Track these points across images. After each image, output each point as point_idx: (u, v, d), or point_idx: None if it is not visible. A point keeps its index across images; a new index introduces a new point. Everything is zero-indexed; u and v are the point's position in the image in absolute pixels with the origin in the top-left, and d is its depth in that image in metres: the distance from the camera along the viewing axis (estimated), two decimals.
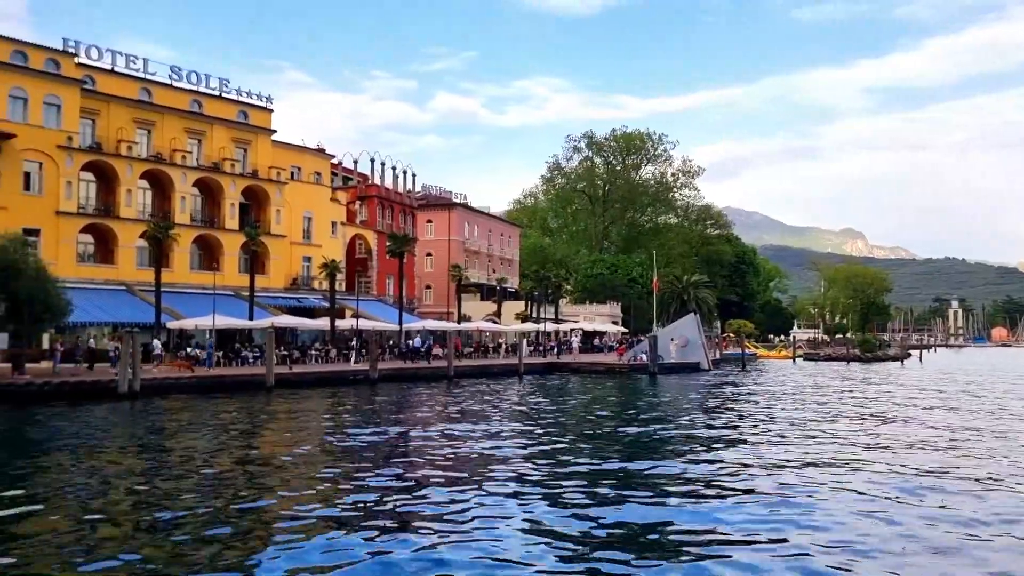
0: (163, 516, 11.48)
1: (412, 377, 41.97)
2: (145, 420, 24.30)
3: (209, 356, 38.59)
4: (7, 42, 42.61)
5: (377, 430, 21.41)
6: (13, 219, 39.54)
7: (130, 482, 14.37)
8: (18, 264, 29.87)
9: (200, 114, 51.77)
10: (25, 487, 13.87)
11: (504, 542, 10.04)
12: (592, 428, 22.60)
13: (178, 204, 49.00)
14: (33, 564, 9.13)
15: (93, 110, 46.06)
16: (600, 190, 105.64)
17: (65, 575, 8.81)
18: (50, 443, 19.44)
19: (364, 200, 66.98)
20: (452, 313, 65.55)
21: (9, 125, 41.13)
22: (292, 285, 55.48)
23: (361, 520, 11.20)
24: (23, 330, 32.53)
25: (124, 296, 44.31)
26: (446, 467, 15.59)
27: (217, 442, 19.39)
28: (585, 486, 13.69)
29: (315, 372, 39.84)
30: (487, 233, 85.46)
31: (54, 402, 27.78)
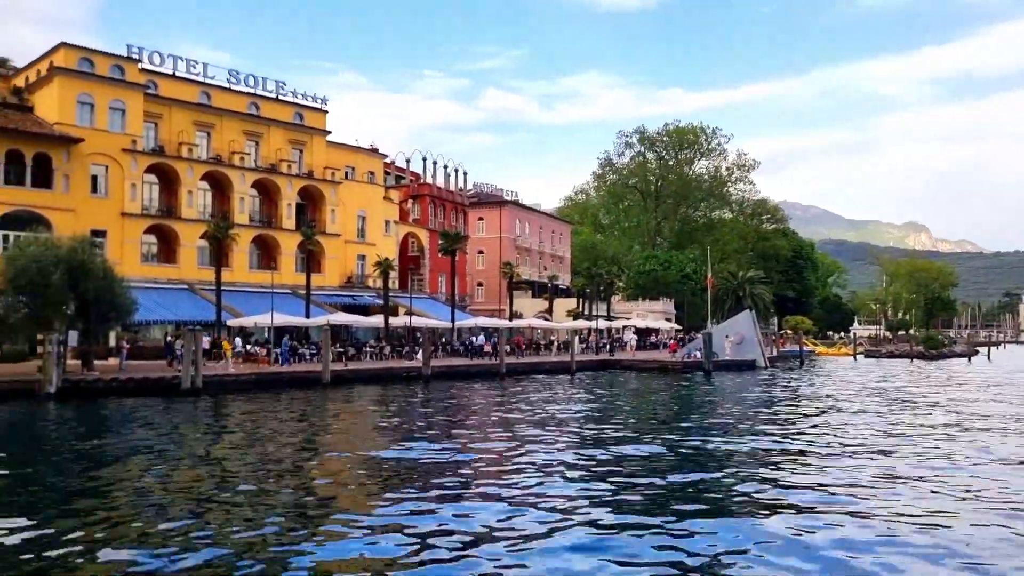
0: (220, 506, 11.74)
1: (464, 374, 42.17)
2: (207, 415, 24.94)
3: (283, 353, 39.41)
4: (75, 50, 44.21)
5: (429, 426, 21.55)
6: (81, 221, 41.06)
7: (191, 473, 14.75)
8: (86, 265, 30.92)
9: (257, 116, 52.93)
10: (93, 478, 14.36)
11: (552, 549, 9.98)
12: (645, 425, 22.35)
13: (237, 204, 50.23)
14: (102, 548, 9.43)
15: (156, 114, 47.49)
16: (652, 185, 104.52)
17: (129, 559, 9.07)
18: (117, 436, 20.11)
19: (416, 199, 67.60)
20: (504, 310, 65.70)
21: (77, 130, 42.70)
22: (347, 283, 56.33)
23: (413, 513, 11.27)
24: (92, 328, 33.69)
25: (186, 295, 45.60)
26: (494, 464, 15.59)
27: (275, 435, 19.78)
28: (636, 486, 13.53)
29: (369, 369, 40.36)
30: (538, 230, 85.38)
31: (121, 397, 28.75)
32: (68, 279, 29.96)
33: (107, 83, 44.56)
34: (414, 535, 10.26)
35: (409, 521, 11.01)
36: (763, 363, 54.07)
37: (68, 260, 30.20)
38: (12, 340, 34.82)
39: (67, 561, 9.12)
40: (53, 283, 29.46)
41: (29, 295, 29.98)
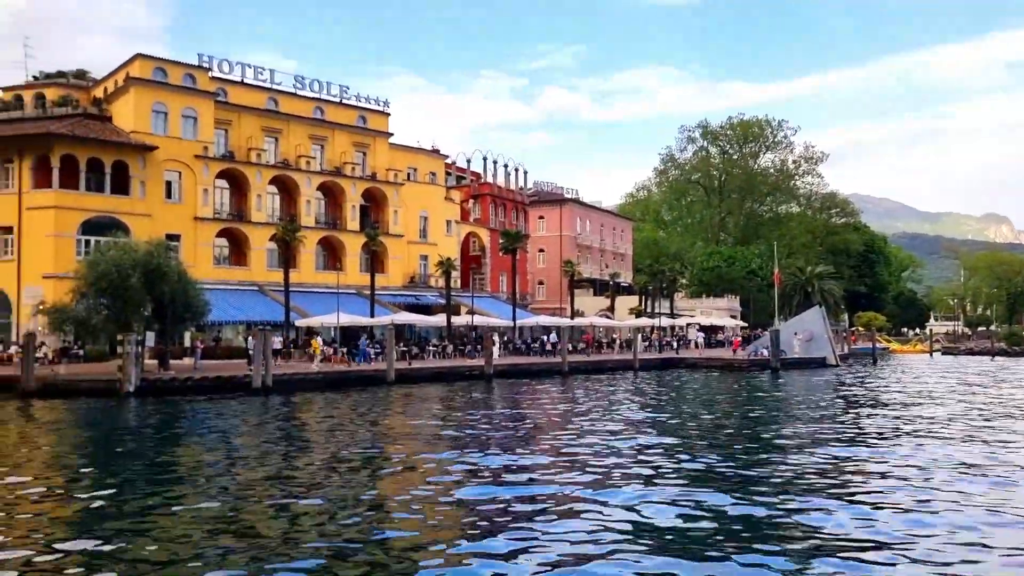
0: (289, 500, 12.04)
1: (526, 373, 42.26)
2: (276, 412, 25.62)
3: (362, 352, 40.27)
4: (149, 60, 45.98)
5: (494, 424, 21.67)
6: (156, 226, 42.69)
7: (263, 468, 15.16)
8: (162, 268, 32.15)
9: (322, 120, 54.09)
10: (170, 473, 14.92)
11: (615, 543, 9.91)
12: (709, 425, 21.99)
13: (303, 207, 51.46)
14: (175, 543, 9.79)
15: (226, 120, 49.02)
16: (716, 180, 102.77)
17: (204, 552, 9.39)
18: (190, 432, 20.87)
19: (477, 198, 68.03)
20: (565, 309, 65.56)
21: (152, 138, 44.42)
22: (410, 283, 57.10)
23: (481, 511, 11.35)
24: (167, 329, 35.08)
25: (256, 296, 46.95)
26: (556, 462, 15.56)
27: (345, 431, 20.18)
28: (700, 488, 13.32)
29: (433, 367, 40.82)
30: (599, 228, 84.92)
31: (195, 396, 29.80)
32: (145, 282, 31.22)
33: (180, 92, 46.22)
34: (485, 532, 10.33)
35: (478, 517, 11.09)
36: (834, 361, 52.56)
37: (145, 263, 31.46)
38: (94, 340, 36.45)
39: (139, 551, 9.50)
40: (131, 286, 30.73)
41: (109, 297, 31.35)
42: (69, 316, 31.71)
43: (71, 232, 40.82)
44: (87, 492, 13.17)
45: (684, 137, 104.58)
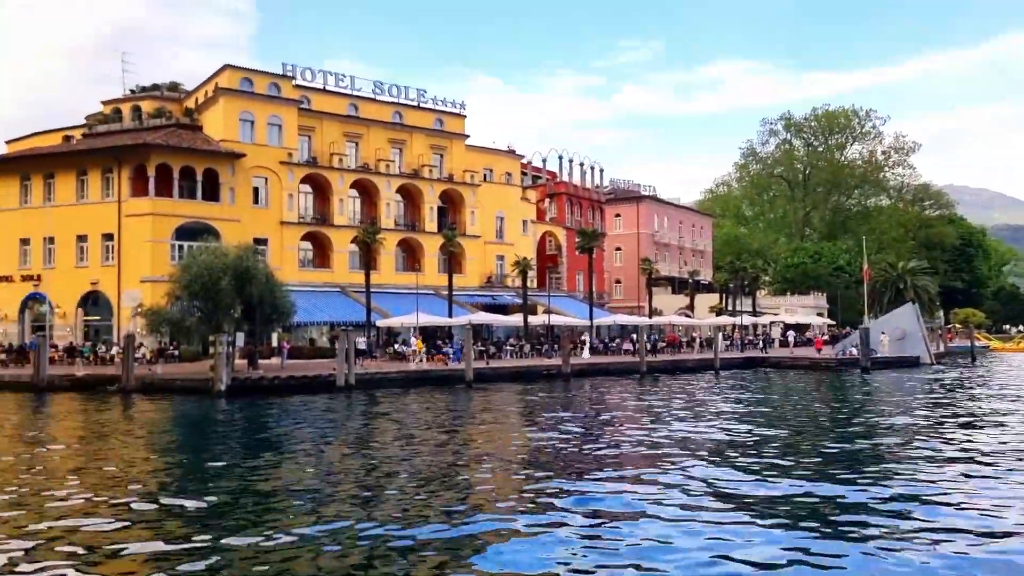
0: (375, 498, 12.30)
1: (604, 372, 41.96)
2: (360, 409, 26.25)
3: (456, 352, 40.95)
4: (237, 71, 47.83)
5: (572, 424, 21.61)
6: (245, 230, 44.37)
7: (349, 464, 15.57)
8: (251, 271, 33.42)
9: (401, 124, 55.12)
10: (259, 469, 15.48)
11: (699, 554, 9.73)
12: (795, 429, 21.33)
13: (383, 210, 52.57)
14: (265, 535, 10.15)
15: (309, 127, 50.54)
16: (800, 174, 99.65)
17: (293, 545, 9.71)
18: (279, 429, 21.60)
19: (553, 197, 67.99)
20: (643, 307, 64.83)
21: (240, 145, 46.19)
22: (487, 283, 57.55)
23: (560, 511, 11.33)
24: (256, 330, 36.44)
25: (339, 297, 48.23)
26: (635, 465, 15.37)
27: (427, 429, 20.51)
28: (789, 500, 12.93)
29: (510, 367, 41.01)
30: (677, 225, 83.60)
31: (282, 394, 30.84)
32: (235, 284, 32.53)
33: (265, 100, 47.92)
34: (567, 532, 10.32)
35: (560, 516, 11.09)
36: (928, 359, 50.17)
37: (235, 267, 32.78)
38: (188, 341, 38.18)
39: (232, 544, 9.89)
40: (222, 288, 32.07)
41: (202, 300, 32.79)
42: (165, 318, 33.31)
43: (166, 238, 42.87)
44: (181, 483, 13.81)
45: (766, 130, 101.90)
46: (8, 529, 10.70)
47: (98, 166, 44.35)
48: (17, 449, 18.35)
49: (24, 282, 45.03)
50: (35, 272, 44.76)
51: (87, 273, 43.72)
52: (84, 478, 14.45)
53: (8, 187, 46.46)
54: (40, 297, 43.87)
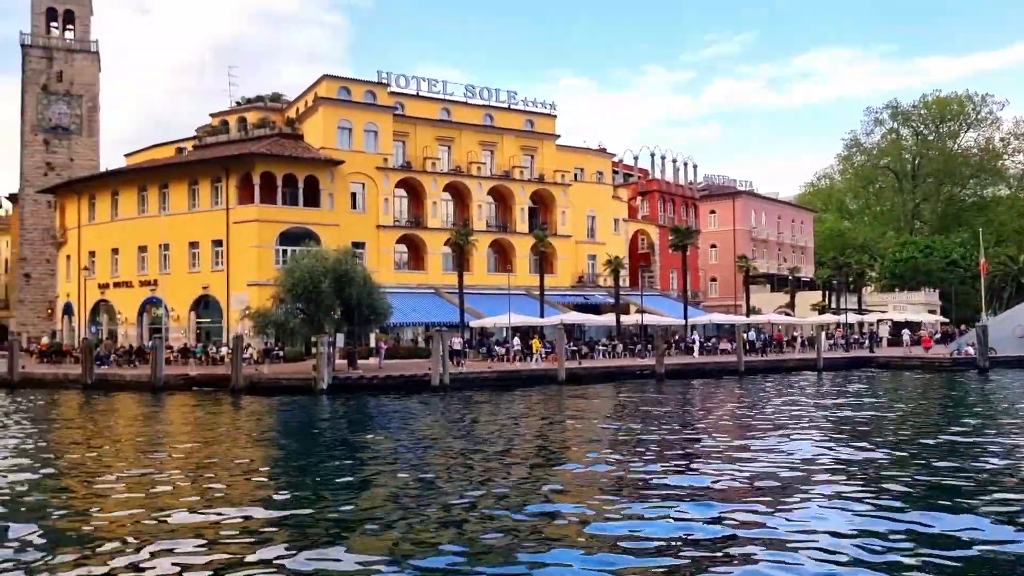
0: (465, 489, 12.48)
1: (700, 372, 41.10)
2: (455, 408, 26.67)
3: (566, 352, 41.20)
4: (335, 80, 49.49)
5: (667, 425, 21.28)
6: (344, 234, 45.82)
7: (444, 460, 15.85)
8: (350, 274, 34.53)
9: (492, 127, 55.67)
10: (359, 459, 15.98)
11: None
12: (906, 437, 20.27)
13: (475, 212, 53.24)
14: (360, 527, 10.48)
15: (403, 132, 51.75)
16: (908, 164, 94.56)
17: (392, 535, 9.97)
18: (378, 426, 22.22)
19: (645, 195, 67.12)
20: (740, 306, 63.12)
21: (338, 152, 47.76)
22: (578, 283, 57.37)
23: (653, 512, 11.19)
24: (355, 330, 37.59)
25: (433, 298, 49.15)
26: (732, 468, 14.97)
27: (522, 427, 20.65)
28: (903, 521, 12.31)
29: (602, 367, 40.74)
30: (776, 220, 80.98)
31: (380, 393, 31.70)
32: (335, 287, 33.70)
33: (362, 108, 49.38)
34: (655, 537, 10.20)
35: (649, 525, 10.96)
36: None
37: (335, 270, 33.95)
38: (292, 342, 39.76)
39: (326, 533, 10.24)
40: (323, 291, 33.28)
41: (304, 302, 34.12)
42: (270, 320, 34.81)
43: (270, 243, 44.79)
44: (288, 478, 14.41)
45: (871, 120, 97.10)
46: (130, 519, 11.44)
47: (208, 176, 46.80)
48: (140, 443, 19.59)
49: (142, 287, 48.04)
50: (152, 277, 47.67)
51: (199, 278, 46.20)
52: (200, 471, 15.29)
53: (127, 198, 49.66)
54: (157, 301, 46.69)
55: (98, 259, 50.49)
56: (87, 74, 65.57)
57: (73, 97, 64.69)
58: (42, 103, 63.67)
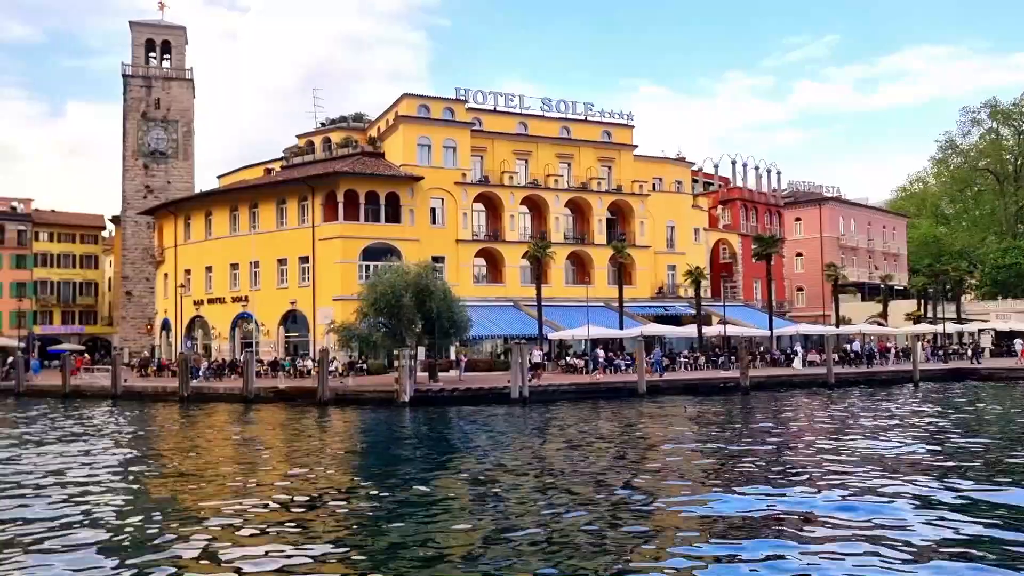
0: (547, 500, 12.43)
1: (787, 384, 39.82)
2: (535, 420, 26.65)
3: (657, 363, 40.91)
4: (414, 99, 50.56)
5: (754, 438, 20.69)
6: (424, 249, 46.61)
7: (524, 471, 15.85)
8: (430, 288, 35.08)
9: (569, 139, 55.71)
10: (441, 469, 16.15)
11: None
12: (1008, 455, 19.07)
13: (552, 224, 53.29)
14: (436, 536, 10.56)
15: (481, 147, 52.36)
16: (1010, 165, 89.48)
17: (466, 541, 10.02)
18: (459, 437, 22.41)
19: (726, 204, 65.79)
20: (828, 316, 60.95)
21: (418, 169, 48.69)
22: (658, 294, 56.59)
23: (747, 525, 10.89)
24: (436, 343, 38.11)
25: (511, 311, 49.36)
26: (825, 485, 14.40)
27: (601, 440, 20.46)
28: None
29: (684, 379, 39.97)
30: (866, 227, 77.97)
31: (460, 405, 31.98)
32: (416, 301, 34.28)
33: (441, 125, 50.27)
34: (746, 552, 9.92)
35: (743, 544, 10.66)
36: None
37: (415, 284, 34.56)
38: (375, 355, 40.62)
39: (413, 538, 10.37)
40: (405, 305, 33.90)
41: (386, 316, 34.81)
42: (354, 334, 35.68)
43: (354, 259, 45.96)
44: (374, 485, 14.69)
45: (967, 120, 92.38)
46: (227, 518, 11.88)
47: (295, 195, 48.46)
48: (233, 451, 20.35)
49: (234, 303, 50.04)
50: (243, 293, 49.60)
51: (287, 293, 47.80)
52: (288, 480, 15.75)
53: (220, 217, 51.92)
54: (248, 316, 48.53)
55: (193, 277, 52.92)
56: (183, 100, 69.05)
57: (170, 123, 68.19)
58: (141, 129, 67.35)
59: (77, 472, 17.21)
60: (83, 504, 13.53)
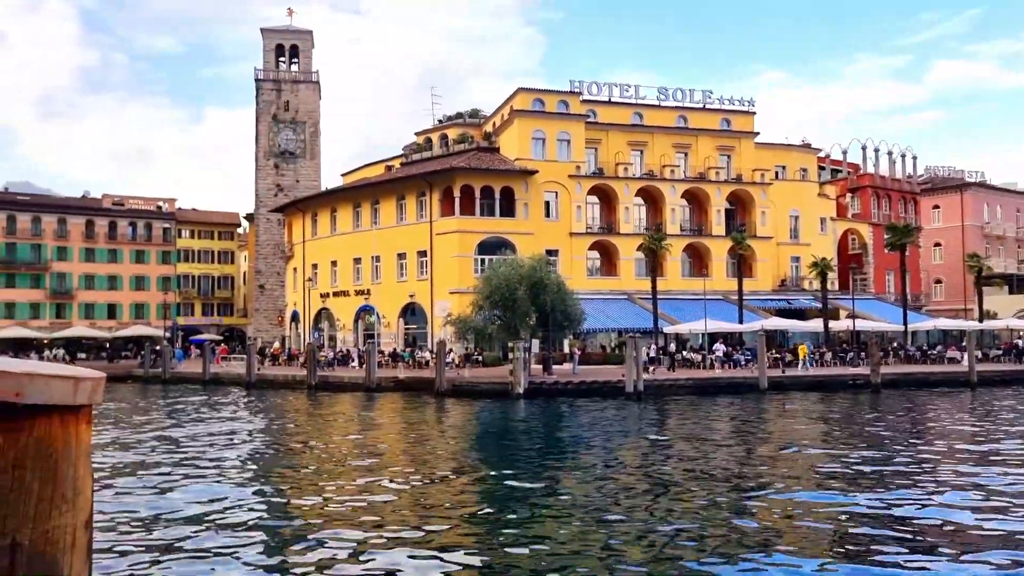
0: (663, 501, 12.24)
1: (922, 383, 37.37)
2: (650, 416, 26.31)
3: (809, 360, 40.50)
4: (529, 93, 50.83)
5: (883, 442, 19.57)
6: (538, 242, 46.83)
7: (637, 469, 15.69)
8: (544, 281, 35.25)
9: (686, 128, 54.45)
10: (556, 463, 16.22)
11: None
12: None
13: (668, 216, 52.27)
14: (552, 528, 10.59)
15: (595, 139, 52.02)
16: None
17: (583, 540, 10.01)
18: (573, 430, 22.44)
19: (855, 192, 62.44)
20: (971, 310, 56.69)
21: (532, 162, 48.94)
22: (780, 286, 54.45)
23: (869, 533, 10.33)
24: (549, 336, 38.26)
25: (625, 304, 48.83)
26: (966, 497, 13.42)
27: (719, 437, 19.96)
28: None
29: (809, 376, 38.29)
30: (1014, 214, 71.99)
31: (574, 398, 31.98)
32: (530, 294, 34.53)
33: (555, 118, 50.31)
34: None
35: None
36: None
37: (530, 277, 34.80)
38: (490, 347, 41.24)
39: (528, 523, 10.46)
40: (519, 298, 34.22)
41: (501, 309, 35.26)
42: (470, 326, 36.36)
43: (470, 253, 46.78)
44: (492, 474, 14.96)
45: None
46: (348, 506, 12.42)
47: (413, 191, 49.84)
48: (357, 437, 21.25)
49: (357, 296, 52.10)
50: (366, 287, 51.57)
51: (406, 287, 49.29)
52: (408, 467, 16.27)
53: (344, 214, 54.14)
54: (370, 309, 50.41)
55: (320, 271, 55.48)
56: (310, 102, 72.39)
57: (298, 124, 71.66)
58: (272, 131, 71.13)
59: (222, 451, 18.46)
60: (228, 480, 14.50)
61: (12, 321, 65.43)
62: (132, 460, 17.26)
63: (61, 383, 1.81)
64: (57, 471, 1.82)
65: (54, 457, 1.82)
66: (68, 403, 1.82)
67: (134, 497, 13.09)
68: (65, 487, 1.84)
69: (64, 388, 1.81)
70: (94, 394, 1.90)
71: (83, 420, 1.90)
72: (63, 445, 1.84)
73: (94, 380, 1.91)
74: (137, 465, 16.53)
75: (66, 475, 1.85)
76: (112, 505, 12.19)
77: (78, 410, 1.87)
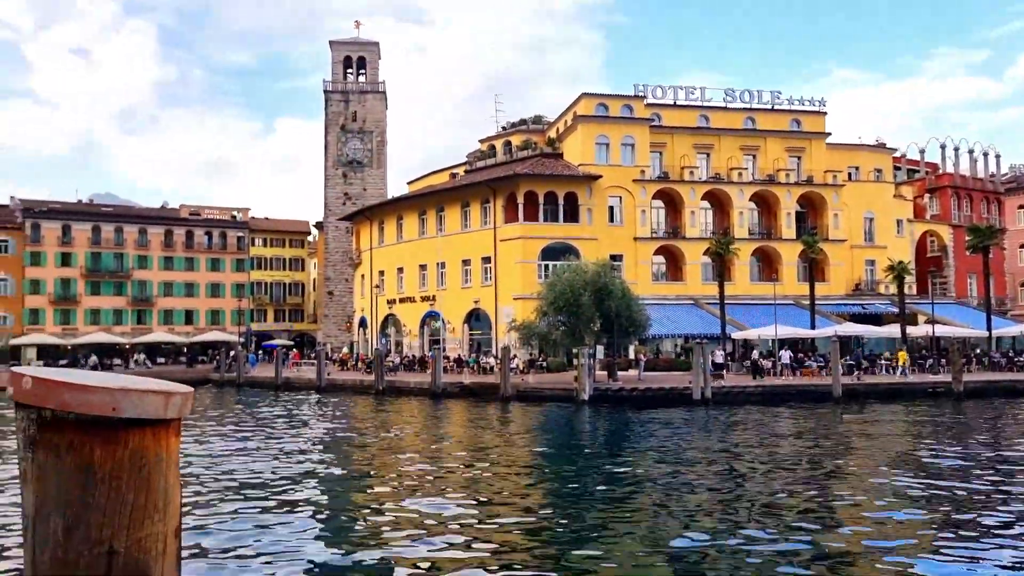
0: (731, 509, 11.98)
1: (1008, 391, 35.62)
2: (718, 424, 25.80)
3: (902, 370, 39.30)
4: (592, 98, 50.67)
5: (967, 453, 18.71)
6: (602, 248, 46.58)
7: (705, 477, 15.41)
8: (608, 286, 35.04)
9: (754, 130, 53.39)
10: (620, 474, 16.07)
11: None
12: None
13: (736, 219, 51.29)
14: (618, 535, 10.48)
15: (660, 143, 51.48)
16: None
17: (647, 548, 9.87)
18: (640, 439, 22.19)
19: (934, 192, 60.10)
20: None
21: (596, 168, 48.74)
22: (854, 291, 52.77)
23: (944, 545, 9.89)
24: (614, 342, 37.98)
25: (692, 309, 48.09)
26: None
27: (785, 447, 19.46)
28: None
29: (885, 383, 36.95)
30: None
31: (640, 405, 31.63)
32: (594, 300, 34.36)
33: (619, 122, 50.00)
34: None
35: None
36: None
37: (594, 283, 34.65)
38: (554, 353, 41.17)
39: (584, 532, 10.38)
40: (583, 303, 34.09)
41: (565, 314, 35.18)
42: (534, 332, 36.41)
43: (533, 258, 46.86)
44: (558, 479, 14.92)
45: None
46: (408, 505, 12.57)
47: (477, 198, 50.24)
48: (424, 440, 21.50)
49: (423, 302, 52.78)
50: (431, 293, 52.19)
51: (471, 293, 49.68)
52: (474, 471, 16.38)
53: (410, 221, 54.96)
54: (435, 315, 50.98)
55: (387, 277, 56.42)
56: (376, 112, 73.81)
57: (365, 133, 73.14)
58: (340, 140, 72.78)
59: (297, 455, 18.95)
60: (307, 476, 14.88)
61: (97, 327, 68.56)
62: (221, 470, 17.84)
63: (154, 398, 1.89)
64: (150, 482, 1.91)
65: (147, 468, 1.90)
66: (160, 417, 1.91)
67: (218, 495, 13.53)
68: (157, 497, 1.92)
69: (156, 403, 1.90)
70: (183, 408, 1.98)
71: (173, 433, 1.99)
72: (155, 457, 1.92)
73: (183, 395, 1.99)
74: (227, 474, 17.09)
75: (158, 486, 1.93)
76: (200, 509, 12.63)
77: (169, 423, 1.96)
